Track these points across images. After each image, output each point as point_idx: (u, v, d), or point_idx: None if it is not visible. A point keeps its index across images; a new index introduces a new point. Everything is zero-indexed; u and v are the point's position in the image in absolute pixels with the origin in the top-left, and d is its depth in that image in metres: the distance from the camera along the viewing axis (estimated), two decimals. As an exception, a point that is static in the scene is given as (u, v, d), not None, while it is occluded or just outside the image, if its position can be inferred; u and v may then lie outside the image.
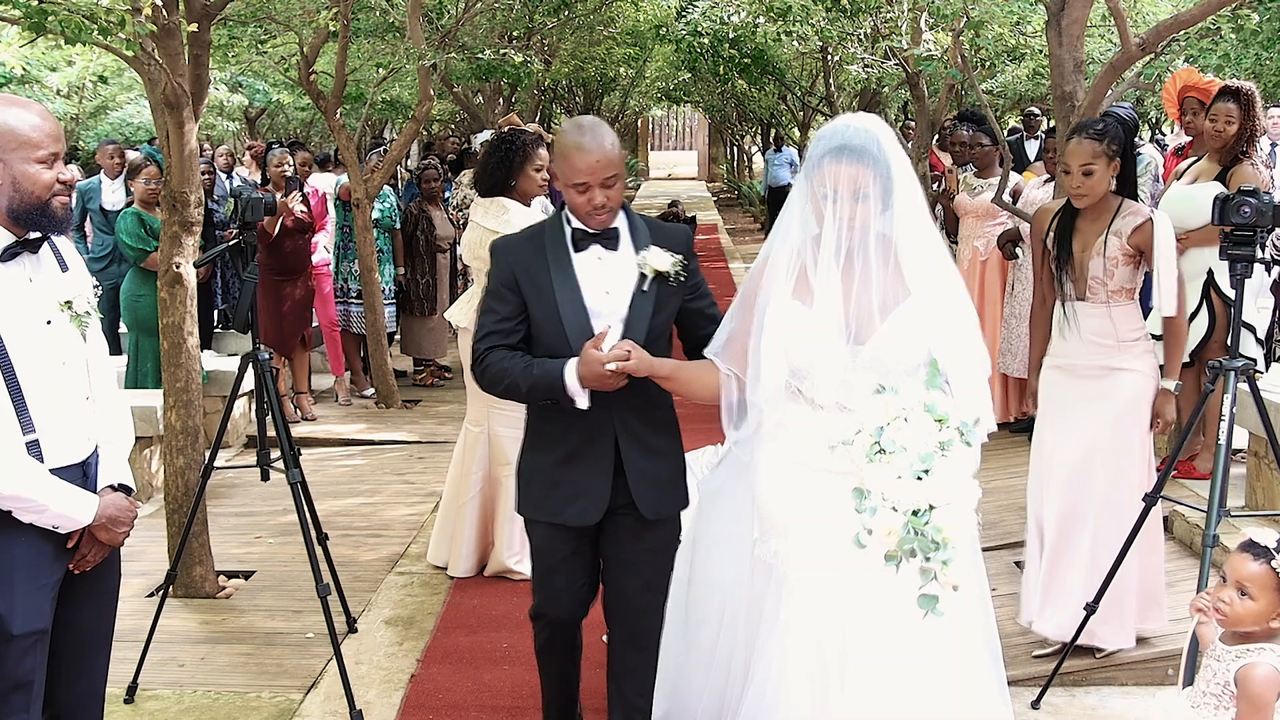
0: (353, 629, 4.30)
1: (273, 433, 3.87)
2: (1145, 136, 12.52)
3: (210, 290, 7.97)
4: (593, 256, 2.91)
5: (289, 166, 7.47)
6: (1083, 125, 3.76)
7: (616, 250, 2.92)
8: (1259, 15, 5.93)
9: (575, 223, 2.91)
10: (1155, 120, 15.11)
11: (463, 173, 9.04)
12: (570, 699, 3.31)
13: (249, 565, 4.98)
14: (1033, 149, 9.85)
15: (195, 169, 4.36)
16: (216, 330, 8.19)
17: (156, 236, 6.30)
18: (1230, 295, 3.81)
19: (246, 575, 4.88)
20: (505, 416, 4.54)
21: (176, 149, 4.26)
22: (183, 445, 4.40)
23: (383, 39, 9.50)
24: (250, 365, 3.92)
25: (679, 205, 15.31)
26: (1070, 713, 3.70)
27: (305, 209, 7.27)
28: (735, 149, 31.19)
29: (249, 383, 5.14)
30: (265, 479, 4.04)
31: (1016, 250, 6.16)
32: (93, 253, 8.16)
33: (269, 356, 3.93)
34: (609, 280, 2.90)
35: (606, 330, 2.80)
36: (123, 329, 7.06)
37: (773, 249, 2.75)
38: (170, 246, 4.33)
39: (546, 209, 5.02)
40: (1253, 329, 5.19)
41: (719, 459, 3.05)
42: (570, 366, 2.77)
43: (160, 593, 4.00)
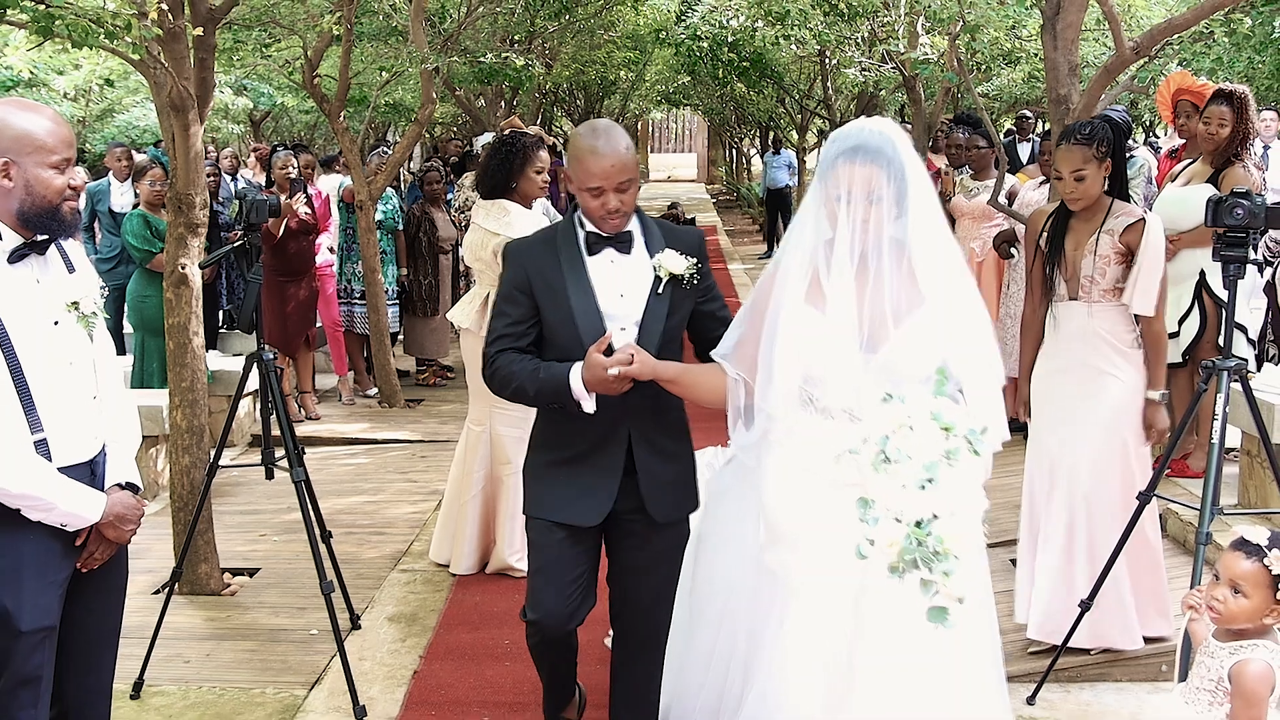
0: (356, 626, 4.31)
1: (277, 432, 3.89)
2: (1139, 139, 12.55)
3: (215, 291, 8.00)
4: (606, 260, 2.88)
5: (293, 169, 7.50)
6: (1070, 130, 3.75)
7: (630, 254, 2.89)
8: (1251, 19, 5.95)
9: (589, 226, 2.88)
10: (1149, 123, 15.15)
11: (465, 175, 9.04)
12: (566, 694, 3.31)
13: (254, 563, 5.00)
14: (1025, 151, 9.90)
15: (200, 171, 4.37)
16: (221, 330, 8.21)
17: (162, 238, 6.35)
18: (1223, 296, 3.82)
19: (251, 573, 4.89)
20: (507, 416, 4.57)
21: (182, 151, 4.27)
22: (188, 444, 4.42)
23: (386, 43, 9.51)
24: (255, 365, 3.93)
25: (678, 207, 15.39)
26: (1065, 708, 3.71)
27: (309, 211, 7.30)
28: (734, 151, 31.08)
29: (254, 382, 5.07)
30: (270, 477, 4.04)
31: (1012, 250, 6.20)
32: (101, 254, 8.22)
33: (273, 356, 3.94)
34: (623, 283, 2.88)
35: (609, 334, 2.78)
36: (127, 329, 7.10)
37: (785, 253, 2.70)
38: (176, 248, 4.34)
39: (547, 210, 5.05)
40: (1244, 329, 5.19)
41: (725, 459, 3.02)
42: (576, 370, 2.76)
43: (166, 590, 4.01)
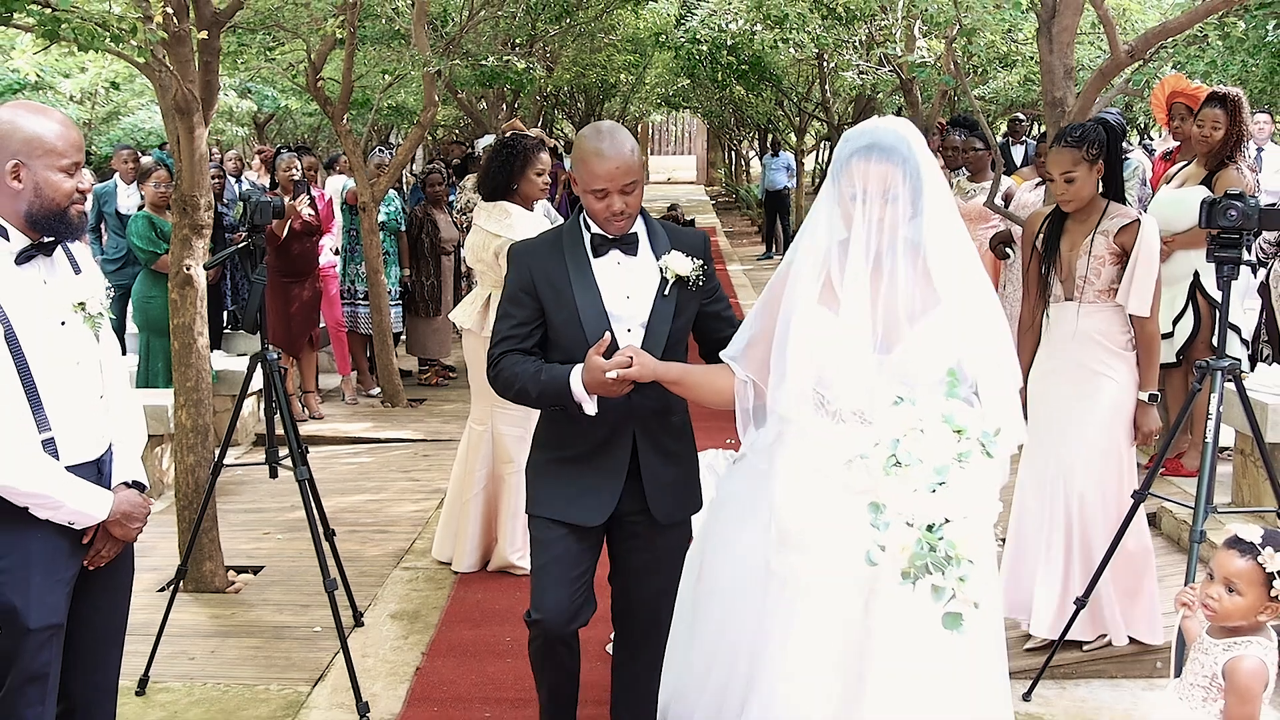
0: (359, 623, 4.33)
1: (281, 431, 3.91)
2: (1134, 141, 12.57)
3: (220, 292, 8.03)
4: (612, 261, 2.87)
5: (297, 171, 7.55)
6: (1062, 133, 3.75)
7: (636, 255, 2.88)
8: (1245, 23, 5.97)
9: (594, 228, 2.87)
10: (1144, 125, 15.17)
11: (466, 177, 9.08)
12: (564, 711, 3.16)
13: (258, 560, 5.01)
14: (1018, 154, 9.94)
15: (205, 173, 4.38)
16: (226, 331, 8.24)
17: (167, 239, 6.40)
18: (1216, 297, 3.83)
19: (255, 570, 4.91)
20: (509, 416, 4.60)
21: (187, 153, 4.29)
22: (193, 443, 4.44)
23: (388, 46, 9.53)
24: (259, 365, 3.95)
25: (678, 209, 15.39)
26: (1060, 705, 3.74)
27: (313, 212, 7.33)
28: (733, 154, 30.98)
29: (258, 382, 5.14)
30: (274, 476, 4.07)
31: (1007, 251, 6.25)
32: (107, 254, 8.28)
33: (277, 356, 3.96)
34: (629, 285, 2.87)
35: (608, 337, 2.77)
36: (132, 329, 7.15)
37: (796, 254, 2.64)
38: (181, 249, 4.36)
39: (548, 212, 5.08)
40: (1238, 330, 5.23)
41: (731, 461, 3.00)
42: (576, 373, 2.74)
43: (171, 587, 4.04)
